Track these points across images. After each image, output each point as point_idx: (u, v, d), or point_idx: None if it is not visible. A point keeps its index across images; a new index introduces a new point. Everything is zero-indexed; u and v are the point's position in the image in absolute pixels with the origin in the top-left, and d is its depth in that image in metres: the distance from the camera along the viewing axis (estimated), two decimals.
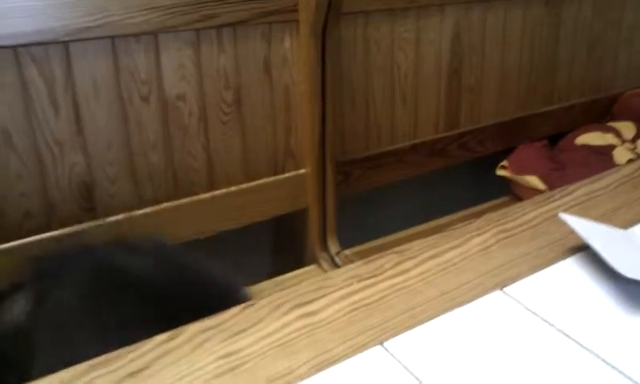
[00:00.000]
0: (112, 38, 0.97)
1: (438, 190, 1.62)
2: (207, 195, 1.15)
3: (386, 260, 0.62)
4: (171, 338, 0.49)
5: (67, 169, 0.99)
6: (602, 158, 1.51)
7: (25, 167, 0.95)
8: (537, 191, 1.41)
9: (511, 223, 0.72)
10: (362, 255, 1.30)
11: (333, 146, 1.23)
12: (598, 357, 0.49)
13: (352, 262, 0.76)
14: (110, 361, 0.47)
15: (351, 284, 0.58)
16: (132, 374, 0.46)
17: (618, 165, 1.47)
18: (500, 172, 1.52)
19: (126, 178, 1.05)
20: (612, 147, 1.56)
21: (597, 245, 0.61)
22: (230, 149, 1.15)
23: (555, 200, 0.78)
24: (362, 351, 0.49)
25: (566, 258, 0.64)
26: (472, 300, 0.56)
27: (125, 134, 1.03)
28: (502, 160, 1.54)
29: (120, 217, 1.05)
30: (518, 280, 0.60)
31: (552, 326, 0.53)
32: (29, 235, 0.97)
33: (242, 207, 1.20)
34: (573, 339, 0.51)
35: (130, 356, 0.48)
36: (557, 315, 0.54)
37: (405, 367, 0.48)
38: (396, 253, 0.64)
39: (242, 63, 1.12)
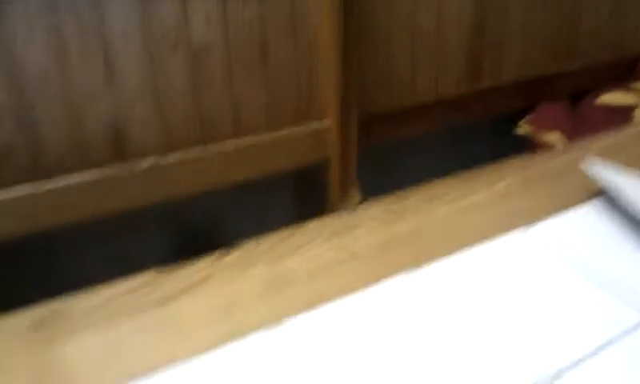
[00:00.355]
0: None
1: (457, 147, 1.63)
2: (232, 143, 1.17)
3: (412, 200, 0.65)
4: (221, 258, 0.53)
5: (99, 115, 1.01)
6: (623, 118, 1.51)
7: (59, 113, 0.98)
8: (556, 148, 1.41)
9: (535, 169, 0.73)
10: None
11: (356, 99, 1.24)
12: (617, 297, 0.51)
13: None
14: (163, 276, 0.50)
15: (383, 218, 0.60)
16: (185, 289, 0.49)
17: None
18: (520, 130, 1.53)
19: (154, 125, 1.07)
20: (633, 108, 1.56)
21: (620, 188, 0.62)
22: (255, 99, 1.17)
23: (578, 150, 0.79)
24: (395, 276, 0.51)
25: (588, 201, 0.66)
26: (496, 238, 0.58)
27: (153, 82, 1.05)
28: (522, 118, 1.54)
29: (149, 163, 1.08)
30: (541, 221, 0.62)
31: (572, 267, 0.55)
32: (63, 175, 1.00)
33: (266, 156, 1.22)
34: (591, 281, 0.53)
35: (183, 272, 0.51)
36: (578, 257, 0.56)
37: (438, 294, 0.50)
38: (421, 194, 0.66)
39: (267, 14, 1.13)
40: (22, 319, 0.45)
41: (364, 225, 0.60)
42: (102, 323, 0.46)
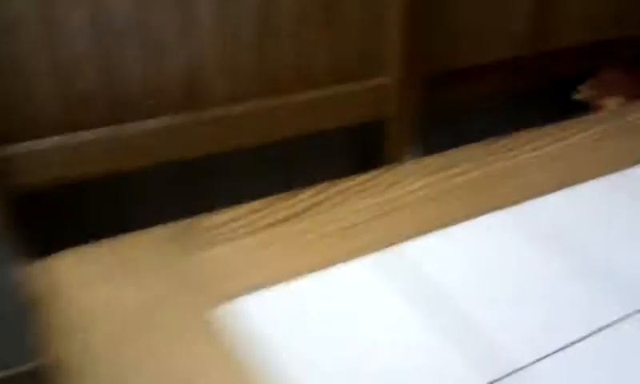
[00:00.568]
0: None
1: (515, 110, 1.63)
2: (297, 97, 1.19)
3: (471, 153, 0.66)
4: (320, 191, 0.55)
5: (173, 63, 1.04)
6: None
7: (137, 60, 1.01)
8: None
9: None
10: None
11: (420, 55, 1.25)
12: None
13: None
14: (266, 205, 0.53)
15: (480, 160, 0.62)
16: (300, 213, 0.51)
17: None
18: (579, 95, 1.52)
19: (224, 76, 1.09)
20: None
21: None
22: (320, 51, 1.18)
23: None
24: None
25: None
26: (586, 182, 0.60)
27: (223, 32, 1.06)
28: (582, 84, 1.53)
29: (218, 112, 1.10)
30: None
31: None
32: (139, 120, 1.03)
33: (326, 111, 1.23)
34: None
35: (284, 204, 0.53)
36: None
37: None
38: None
39: None
40: (162, 233, 0.48)
41: (459, 165, 0.61)
42: (232, 237, 0.49)
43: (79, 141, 1.02)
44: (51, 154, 1.01)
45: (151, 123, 1.05)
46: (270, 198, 0.53)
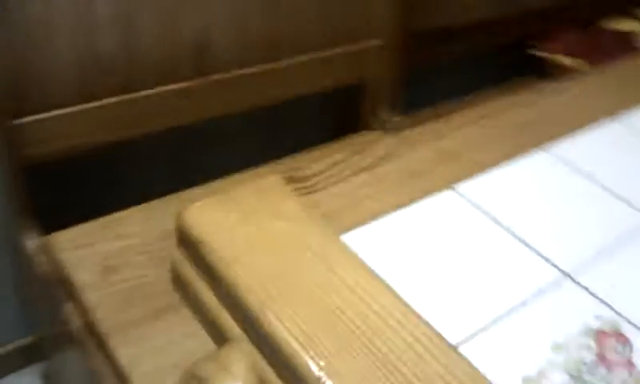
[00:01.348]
0: None
1: (478, 71, 1.74)
2: (289, 61, 1.24)
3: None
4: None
5: (184, 29, 1.07)
6: (630, 42, 1.64)
7: (151, 27, 1.03)
8: (570, 70, 1.54)
9: None
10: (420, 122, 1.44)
11: (403, 18, 1.33)
12: None
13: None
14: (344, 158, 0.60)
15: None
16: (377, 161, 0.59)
17: None
18: (538, 53, 1.64)
19: (229, 41, 1.13)
20: (638, 33, 1.68)
21: None
22: (310, 18, 1.24)
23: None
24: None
25: None
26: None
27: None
28: (538, 43, 1.65)
29: (224, 76, 1.15)
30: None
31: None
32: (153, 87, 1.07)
33: (316, 73, 1.30)
34: None
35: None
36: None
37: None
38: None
39: None
40: (275, 178, 0.54)
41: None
42: (325, 186, 0.56)
43: (92, 109, 1.04)
44: (64, 123, 1.03)
45: (162, 90, 1.08)
46: (342, 153, 0.60)
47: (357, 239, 0.52)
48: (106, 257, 0.60)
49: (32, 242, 0.88)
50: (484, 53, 1.63)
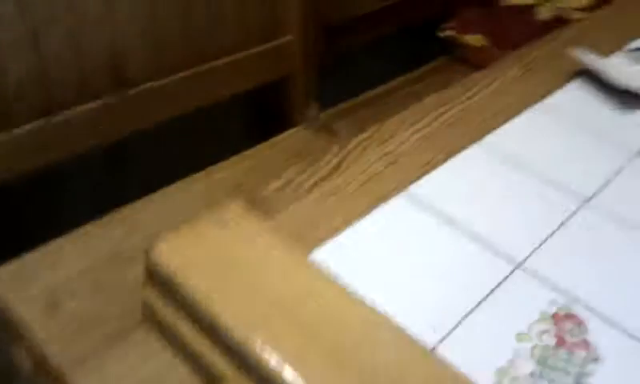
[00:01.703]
0: None
1: (391, 55, 1.78)
2: (208, 66, 1.23)
3: None
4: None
5: (97, 43, 1.03)
6: (528, 16, 1.72)
7: (59, 48, 0.99)
8: (481, 49, 1.61)
9: None
10: (343, 114, 1.47)
11: (315, 12, 1.34)
12: None
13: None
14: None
15: None
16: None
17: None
18: (444, 33, 1.70)
19: (145, 53, 1.11)
20: (533, 6, 1.77)
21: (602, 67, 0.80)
22: (227, 21, 1.23)
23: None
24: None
25: None
26: None
27: (145, 7, 1.08)
28: (444, 23, 1.71)
29: (142, 88, 1.12)
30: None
31: None
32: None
33: (235, 76, 1.29)
34: None
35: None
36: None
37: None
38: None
39: None
40: (236, 206, 0.54)
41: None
42: (291, 200, 0.56)
43: (5, 140, 0.99)
44: None
45: (79, 109, 1.05)
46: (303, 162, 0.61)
47: (325, 255, 0.53)
48: (50, 288, 0.58)
49: None
50: (396, 38, 1.67)
